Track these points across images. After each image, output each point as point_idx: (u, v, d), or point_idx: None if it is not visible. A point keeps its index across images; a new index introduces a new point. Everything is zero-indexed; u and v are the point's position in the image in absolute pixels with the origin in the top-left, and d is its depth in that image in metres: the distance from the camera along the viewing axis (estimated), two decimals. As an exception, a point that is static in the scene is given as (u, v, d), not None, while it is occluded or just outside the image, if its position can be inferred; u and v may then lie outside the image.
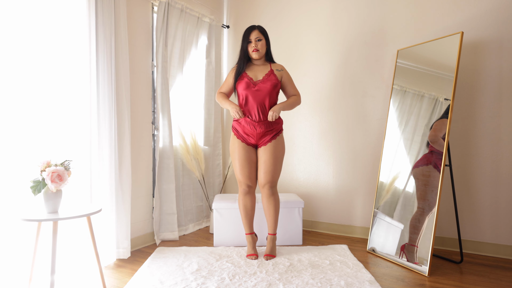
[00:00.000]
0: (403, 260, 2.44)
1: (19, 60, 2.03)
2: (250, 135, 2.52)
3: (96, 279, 2.20)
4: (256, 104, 2.48)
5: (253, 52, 2.52)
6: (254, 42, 2.52)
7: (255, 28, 2.53)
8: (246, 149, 2.55)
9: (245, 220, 2.61)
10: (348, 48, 3.22)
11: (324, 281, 2.11)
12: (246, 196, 2.58)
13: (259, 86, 2.50)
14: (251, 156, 2.55)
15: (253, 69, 2.57)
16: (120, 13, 2.55)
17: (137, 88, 2.86)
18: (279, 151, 2.54)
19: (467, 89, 2.74)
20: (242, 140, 2.55)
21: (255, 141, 2.54)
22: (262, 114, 2.50)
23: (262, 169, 2.53)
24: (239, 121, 2.55)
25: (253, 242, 2.61)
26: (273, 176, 2.52)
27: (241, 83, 2.51)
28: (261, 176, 2.54)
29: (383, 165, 2.81)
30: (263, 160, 2.52)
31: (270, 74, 2.54)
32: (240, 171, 2.54)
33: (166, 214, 3.01)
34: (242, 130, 2.54)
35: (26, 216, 1.76)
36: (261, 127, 2.50)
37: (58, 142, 2.23)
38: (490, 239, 2.66)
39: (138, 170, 2.87)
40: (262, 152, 2.54)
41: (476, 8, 2.69)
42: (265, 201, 2.57)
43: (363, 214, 3.16)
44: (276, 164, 2.52)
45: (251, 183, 2.56)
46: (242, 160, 2.52)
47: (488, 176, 2.67)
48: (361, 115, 3.17)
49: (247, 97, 2.50)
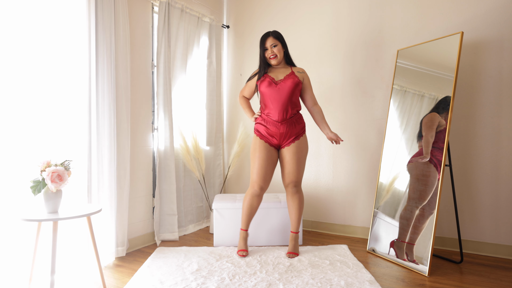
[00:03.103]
0: (403, 260, 2.44)
1: (19, 60, 2.03)
2: (274, 135, 2.55)
3: (96, 279, 2.20)
4: (278, 104, 2.52)
5: (271, 59, 2.57)
6: (270, 49, 2.56)
7: (269, 35, 2.57)
8: (268, 149, 2.56)
9: (246, 218, 2.63)
10: (348, 48, 3.22)
11: (324, 281, 2.11)
12: (255, 197, 2.58)
13: (280, 85, 2.53)
14: (272, 157, 2.57)
15: (274, 71, 2.62)
16: (120, 13, 2.55)
17: (137, 88, 2.86)
18: (302, 151, 2.58)
19: (467, 89, 2.74)
20: (266, 140, 2.57)
21: (278, 141, 2.57)
22: (285, 113, 2.53)
23: (286, 169, 2.56)
24: (263, 122, 2.57)
25: (246, 238, 2.65)
26: (296, 176, 2.56)
27: (263, 83, 2.55)
28: (285, 175, 2.58)
29: (383, 165, 2.81)
30: (287, 160, 2.55)
31: (291, 74, 2.58)
32: (257, 171, 2.54)
33: (166, 215, 3.01)
34: (266, 131, 2.56)
35: (26, 216, 1.76)
36: (284, 127, 2.53)
37: (58, 142, 2.23)
38: (490, 239, 2.66)
39: (138, 170, 2.87)
40: (285, 152, 2.56)
41: (476, 8, 2.69)
42: (289, 199, 2.62)
43: (363, 214, 3.16)
44: (299, 164, 2.56)
45: (264, 186, 2.55)
46: (263, 160, 2.53)
47: (488, 176, 2.67)
48: (361, 115, 3.17)
49: (270, 97, 2.53)
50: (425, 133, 2.50)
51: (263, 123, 2.57)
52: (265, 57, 2.60)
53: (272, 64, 2.60)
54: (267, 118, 2.57)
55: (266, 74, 2.58)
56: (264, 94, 2.56)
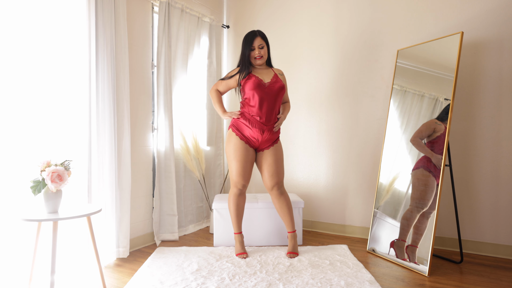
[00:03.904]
0: (403, 260, 2.44)
1: (19, 60, 2.03)
2: (256, 137, 2.54)
3: (96, 279, 2.20)
4: (269, 106, 2.51)
5: (257, 59, 2.56)
6: (258, 49, 2.54)
7: (257, 35, 2.55)
8: (248, 150, 2.57)
9: (236, 220, 2.63)
10: (348, 48, 3.22)
11: (324, 281, 2.11)
12: (239, 196, 2.61)
13: (269, 87, 2.52)
14: (251, 157, 2.60)
15: (257, 71, 2.60)
16: (120, 13, 2.55)
17: (137, 88, 2.86)
18: (280, 154, 2.62)
19: (467, 89, 2.74)
20: (246, 141, 2.56)
21: (258, 143, 2.57)
22: (272, 117, 2.54)
23: (268, 172, 2.56)
24: (247, 122, 2.53)
25: (242, 241, 2.65)
26: (279, 177, 2.58)
27: (249, 82, 2.51)
28: (267, 179, 2.57)
29: (383, 165, 2.81)
30: (268, 163, 2.56)
31: (276, 77, 2.58)
32: (238, 172, 2.54)
33: (166, 215, 3.01)
34: (248, 132, 2.54)
35: (26, 216, 1.76)
36: (267, 129, 2.53)
37: (58, 142, 2.23)
38: (490, 239, 2.66)
39: (138, 170, 2.87)
40: (265, 156, 2.57)
41: (476, 8, 2.69)
42: (276, 201, 2.62)
43: (363, 214, 3.16)
44: (279, 165, 2.59)
45: (246, 184, 2.60)
46: (243, 162, 2.53)
47: (488, 176, 2.67)
48: (361, 115, 3.16)
49: (259, 98, 2.49)
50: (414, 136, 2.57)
51: (247, 123, 2.53)
52: (250, 56, 2.56)
53: (257, 64, 2.58)
54: (252, 118, 2.53)
55: (251, 73, 2.55)
56: (252, 95, 2.51)
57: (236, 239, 2.64)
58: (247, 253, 2.60)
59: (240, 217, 2.65)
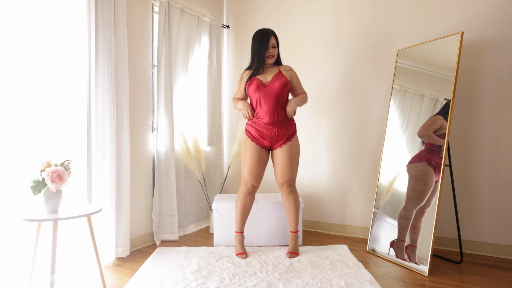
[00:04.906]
0: (403, 260, 2.44)
1: (19, 60, 2.03)
2: (266, 137, 2.55)
3: (96, 279, 2.20)
4: (268, 106, 2.52)
5: (269, 58, 2.56)
6: (271, 48, 2.55)
7: (271, 34, 2.56)
8: (259, 151, 2.57)
9: (240, 219, 2.63)
10: (348, 48, 3.22)
11: (324, 281, 2.11)
12: (247, 196, 2.61)
13: (269, 87, 2.53)
14: (263, 159, 2.60)
15: (264, 71, 2.61)
16: (120, 13, 2.55)
17: (136, 88, 2.86)
18: (294, 151, 2.59)
19: (467, 89, 2.74)
20: (257, 142, 2.57)
21: (270, 143, 2.57)
22: (275, 116, 2.53)
23: (279, 170, 2.57)
24: (254, 125, 2.57)
25: (242, 241, 2.65)
26: (290, 175, 2.57)
27: (251, 86, 2.55)
28: (278, 176, 2.58)
29: (383, 165, 2.81)
30: (280, 161, 2.56)
31: (278, 74, 2.57)
32: (249, 171, 2.56)
33: (166, 216, 3.01)
34: (257, 134, 2.56)
35: (26, 216, 1.76)
36: (275, 130, 2.53)
37: (58, 142, 2.23)
38: (490, 239, 2.66)
39: (138, 170, 2.87)
40: (277, 154, 2.57)
41: (476, 8, 2.69)
42: (284, 199, 2.63)
43: (363, 214, 3.16)
44: (292, 164, 2.57)
45: (256, 184, 2.59)
46: (254, 162, 2.55)
47: (488, 176, 2.67)
48: (361, 115, 3.16)
49: (259, 100, 2.53)
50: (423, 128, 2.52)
51: (255, 126, 2.57)
52: (264, 54, 2.55)
53: (269, 63, 2.59)
54: (258, 121, 2.56)
55: (254, 76, 2.56)
56: (253, 98, 2.56)
57: (236, 238, 2.64)
58: (247, 253, 2.60)
59: (245, 216, 2.64)
